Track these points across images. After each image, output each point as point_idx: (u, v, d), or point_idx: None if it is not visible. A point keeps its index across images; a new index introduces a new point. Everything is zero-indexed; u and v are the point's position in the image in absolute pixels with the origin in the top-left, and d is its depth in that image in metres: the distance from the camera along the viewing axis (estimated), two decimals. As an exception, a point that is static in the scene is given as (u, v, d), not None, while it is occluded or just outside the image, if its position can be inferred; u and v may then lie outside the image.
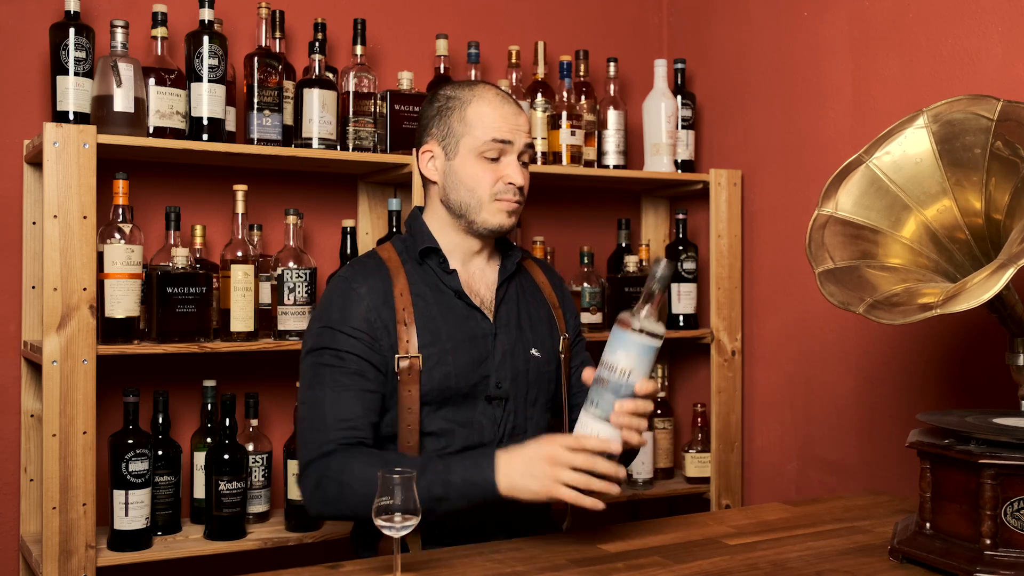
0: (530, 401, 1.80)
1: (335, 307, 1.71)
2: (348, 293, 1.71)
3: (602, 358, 1.50)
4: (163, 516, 2.21)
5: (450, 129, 1.75)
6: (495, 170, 1.73)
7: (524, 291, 1.87)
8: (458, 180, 1.75)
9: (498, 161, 1.74)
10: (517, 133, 1.75)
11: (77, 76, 2.14)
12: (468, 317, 1.76)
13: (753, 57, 2.79)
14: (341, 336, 1.68)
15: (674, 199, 3.04)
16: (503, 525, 1.74)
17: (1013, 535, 1.40)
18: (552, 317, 1.88)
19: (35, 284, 2.25)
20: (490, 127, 1.73)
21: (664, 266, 1.48)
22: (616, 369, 1.47)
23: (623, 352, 1.47)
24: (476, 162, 1.73)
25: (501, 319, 1.79)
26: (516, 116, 1.76)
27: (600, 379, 1.49)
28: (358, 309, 1.70)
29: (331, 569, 1.53)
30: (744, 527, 1.77)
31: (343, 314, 1.70)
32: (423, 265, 1.77)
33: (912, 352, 2.30)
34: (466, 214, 1.75)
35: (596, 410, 1.48)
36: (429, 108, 1.79)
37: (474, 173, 1.73)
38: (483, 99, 1.75)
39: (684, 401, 3.03)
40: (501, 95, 1.78)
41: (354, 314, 1.69)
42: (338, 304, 1.71)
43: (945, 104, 1.71)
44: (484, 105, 1.74)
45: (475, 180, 1.74)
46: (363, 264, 1.78)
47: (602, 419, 1.48)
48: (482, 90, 1.77)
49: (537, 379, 1.81)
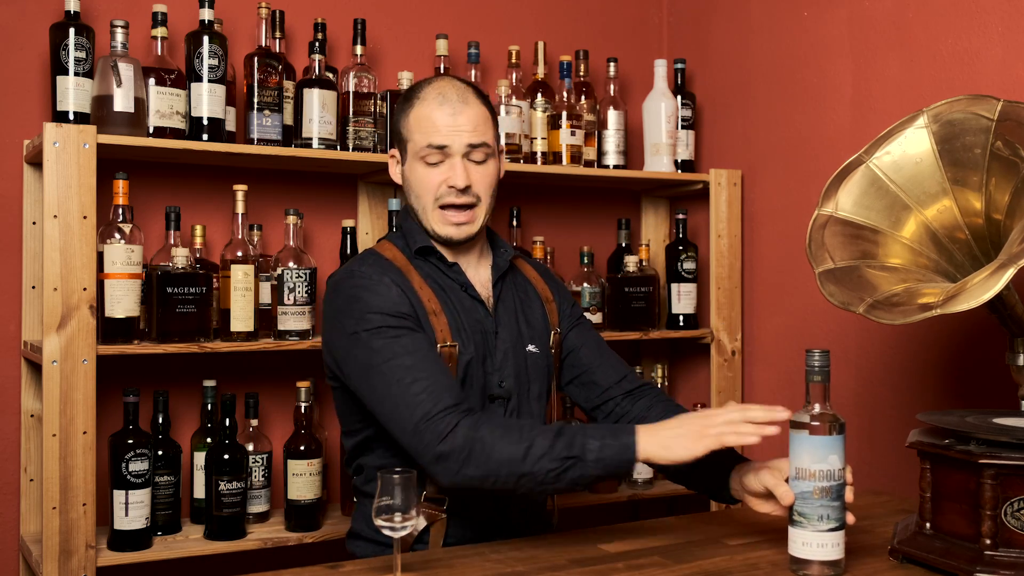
0: (532, 396, 1.80)
1: (367, 296, 1.64)
2: (373, 285, 1.65)
3: (796, 471, 1.44)
4: (163, 516, 2.21)
5: (400, 134, 1.76)
6: (438, 175, 1.70)
7: (517, 287, 1.87)
8: (409, 186, 1.75)
9: (440, 165, 1.70)
10: (455, 135, 1.69)
11: (77, 76, 2.14)
12: (474, 311, 1.75)
13: (753, 57, 2.79)
14: (391, 317, 1.61)
15: (674, 199, 3.04)
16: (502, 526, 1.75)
17: (1013, 535, 1.40)
18: (545, 313, 1.87)
19: (35, 284, 2.25)
20: (427, 132, 1.69)
21: (817, 357, 1.44)
22: (826, 473, 1.43)
23: (825, 454, 1.42)
24: (420, 167, 1.71)
25: (500, 316, 1.79)
26: (453, 116, 1.69)
27: (806, 495, 1.43)
28: (391, 295, 1.64)
29: (331, 569, 1.53)
30: (744, 527, 1.77)
31: (381, 299, 1.63)
32: (426, 260, 1.76)
33: (912, 352, 2.29)
34: (422, 221, 1.74)
35: (825, 523, 1.43)
36: (395, 111, 1.79)
37: (418, 178, 1.72)
38: (423, 102, 1.71)
39: (684, 401, 3.03)
40: (442, 95, 1.71)
41: (391, 300, 1.64)
42: (369, 293, 1.64)
43: (945, 104, 1.71)
44: (423, 108, 1.71)
45: (420, 186, 1.72)
46: (375, 261, 1.73)
47: (836, 530, 1.44)
48: (427, 91, 1.72)
49: (536, 375, 1.81)
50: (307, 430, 2.33)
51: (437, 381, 1.56)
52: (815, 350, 1.44)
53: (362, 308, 1.64)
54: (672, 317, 2.80)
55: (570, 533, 1.75)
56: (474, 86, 1.78)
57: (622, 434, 1.50)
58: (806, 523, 1.43)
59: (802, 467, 1.43)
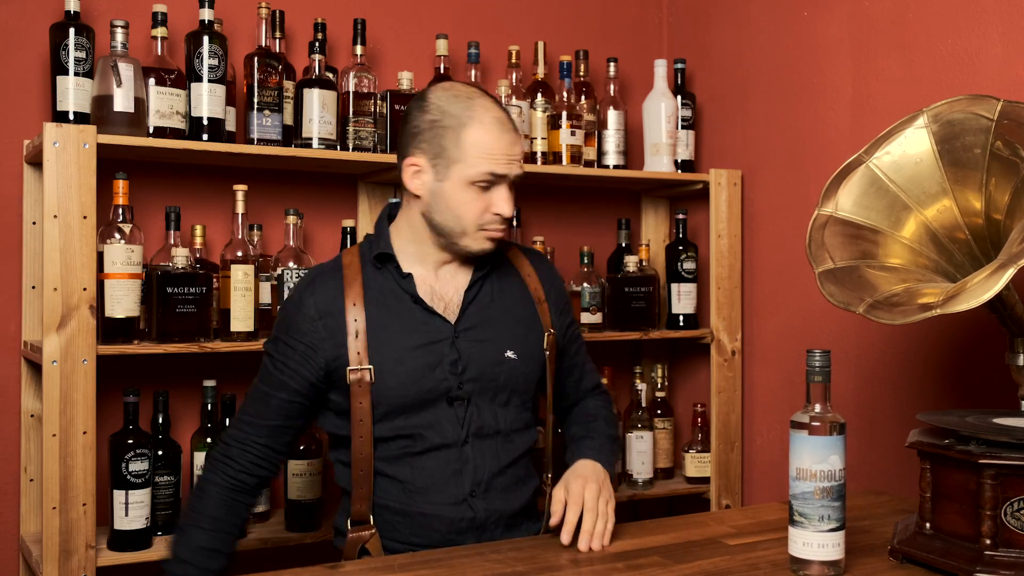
0: (500, 403, 1.76)
1: (285, 313, 1.76)
2: (299, 303, 1.74)
3: (797, 471, 1.44)
4: (163, 516, 2.21)
5: (443, 150, 1.68)
6: (485, 200, 1.69)
7: (503, 290, 1.82)
8: (446, 204, 1.69)
9: (488, 190, 1.69)
10: (512, 164, 1.70)
11: (77, 76, 2.14)
12: (425, 322, 1.73)
13: (753, 57, 2.79)
14: (281, 345, 1.73)
15: (674, 199, 3.04)
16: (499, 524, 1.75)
17: (1013, 535, 1.40)
18: (535, 314, 1.83)
19: (35, 284, 2.25)
20: (487, 159, 1.66)
21: (818, 357, 1.44)
22: (827, 473, 1.42)
23: (825, 454, 1.42)
24: (466, 190, 1.68)
25: (467, 321, 1.75)
26: (512, 146, 1.69)
27: (807, 495, 1.43)
28: (301, 320, 1.72)
29: (331, 569, 1.53)
30: (744, 527, 1.77)
31: (288, 323, 1.73)
32: (382, 269, 1.75)
33: (912, 352, 2.30)
34: (447, 236, 1.72)
35: (825, 523, 1.42)
36: (418, 117, 1.71)
37: (463, 201, 1.68)
38: (481, 124, 1.67)
39: (684, 401, 3.03)
40: (499, 119, 1.69)
41: (296, 325, 1.72)
42: (289, 311, 1.75)
43: (945, 104, 1.71)
44: (482, 133, 1.67)
45: (463, 208, 1.69)
46: (320, 273, 1.78)
47: (836, 530, 1.43)
48: (480, 111, 1.68)
49: (509, 381, 1.76)
50: (307, 430, 2.33)
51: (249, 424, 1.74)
52: (815, 350, 1.44)
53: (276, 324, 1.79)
54: (672, 317, 2.80)
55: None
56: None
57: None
58: (807, 523, 1.43)
59: (802, 467, 1.43)
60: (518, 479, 1.78)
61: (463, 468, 1.71)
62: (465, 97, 1.70)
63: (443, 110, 1.69)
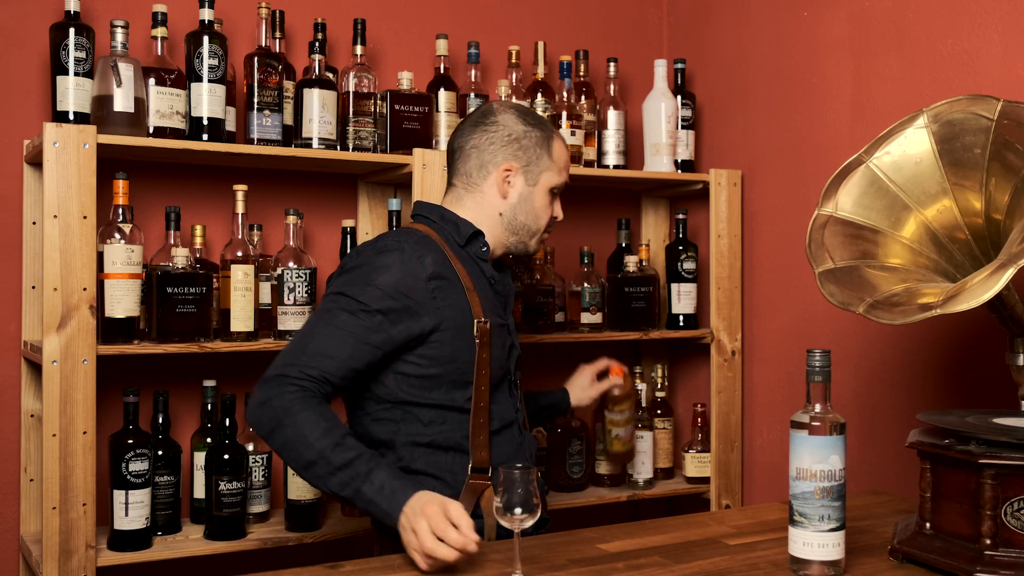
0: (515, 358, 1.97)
1: (393, 271, 1.75)
2: (413, 261, 1.76)
3: (797, 471, 1.44)
4: (163, 516, 2.21)
5: (538, 159, 1.91)
6: (553, 207, 1.96)
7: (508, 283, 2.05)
8: (531, 207, 1.92)
9: (556, 198, 1.96)
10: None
11: (77, 76, 2.14)
12: (498, 306, 1.92)
13: (753, 57, 2.79)
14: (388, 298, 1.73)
15: (674, 199, 3.04)
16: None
17: (1013, 535, 1.40)
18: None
19: (35, 284, 2.25)
20: (564, 170, 1.96)
21: (818, 357, 1.45)
22: (827, 473, 1.42)
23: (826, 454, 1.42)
24: (546, 196, 1.94)
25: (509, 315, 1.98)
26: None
27: (807, 495, 1.43)
28: (421, 276, 1.76)
29: (331, 569, 1.53)
30: (744, 527, 1.78)
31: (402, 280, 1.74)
32: (462, 250, 1.89)
33: (912, 352, 2.30)
34: (521, 234, 1.93)
35: (825, 523, 1.43)
36: (508, 128, 1.91)
37: (544, 205, 1.94)
38: (560, 140, 1.97)
39: (684, 401, 3.03)
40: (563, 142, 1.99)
41: (412, 281, 1.75)
42: (398, 269, 1.75)
43: (945, 104, 1.71)
44: (563, 147, 1.97)
45: (543, 211, 1.94)
46: (422, 238, 1.84)
47: (836, 530, 1.44)
48: (554, 130, 1.97)
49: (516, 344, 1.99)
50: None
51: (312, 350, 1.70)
52: (816, 350, 1.44)
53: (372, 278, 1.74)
54: (672, 317, 2.80)
55: (570, 533, 1.75)
56: None
57: (400, 496, 1.57)
58: (807, 523, 1.43)
59: (802, 467, 1.43)
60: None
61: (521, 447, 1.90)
62: (535, 115, 1.98)
63: (531, 123, 1.93)
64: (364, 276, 1.75)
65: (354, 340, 1.71)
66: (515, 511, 1.41)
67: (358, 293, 1.74)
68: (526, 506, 1.41)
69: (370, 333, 1.72)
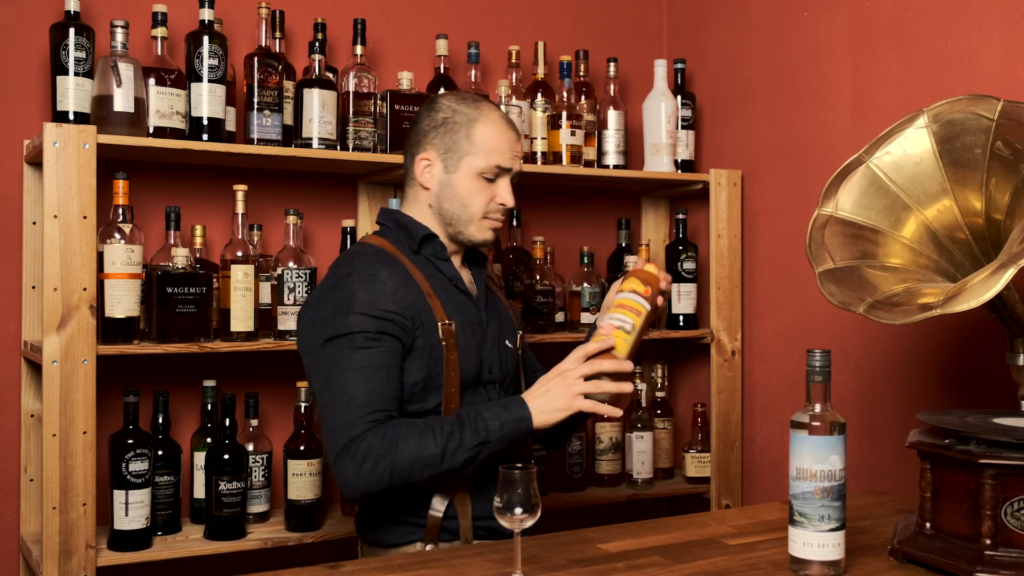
0: (507, 389, 1.90)
1: (360, 292, 1.71)
2: (371, 279, 1.72)
3: (797, 471, 1.44)
4: (163, 516, 2.21)
5: (455, 144, 1.81)
6: (490, 190, 1.82)
7: (490, 288, 1.98)
8: (454, 194, 1.82)
9: (494, 182, 1.83)
10: (516, 160, 1.85)
11: (77, 76, 2.14)
12: (465, 304, 1.84)
13: (753, 57, 2.79)
14: (373, 320, 1.69)
15: (674, 199, 3.04)
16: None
17: (1013, 535, 1.40)
18: (507, 313, 1.99)
19: (35, 284, 2.25)
20: (495, 153, 1.81)
21: (818, 357, 1.45)
22: (827, 473, 1.42)
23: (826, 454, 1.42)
24: (474, 181, 1.81)
25: (487, 310, 1.89)
26: (516, 142, 1.85)
27: (807, 495, 1.43)
28: (384, 291, 1.71)
29: (331, 569, 1.53)
30: (744, 527, 1.77)
31: (372, 298, 1.70)
32: (418, 255, 1.84)
33: (912, 352, 2.30)
34: (455, 224, 1.83)
35: (825, 523, 1.43)
36: (430, 116, 1.84)
37: (471, 190, 1.81)
38: (490, 121, 1.83)
39: (684, 401, 3.03)
40: (505, 119, 1.85)
41: (382, 297, 1.71)
42: (362, 291, 1.71)
43: (945, 104, 1.71)
44: (491, 129, 1.82)
45: (471, 197, 1.82)
46: (374, 253, 1.80)
47: (836, 530, 1.43)
48: (488, 111, 1.84)
49: (511, 368, 1.92)
50: (307, 430, 2.33)
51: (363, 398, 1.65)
52: (816, 350, 1.44)
53: (348, 307, 1.70)
54: (672, 317, 2.80)
55: (570, 533, 1.75)
56: None
57: (514, 407, 1.68)
58: (807, 523, 1.43)
59: (803, 467, 1.43)
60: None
61: None
62: (472, 99, 1.86)
63: (453, 109, 1.83)
64: (341, 312, 1.70)
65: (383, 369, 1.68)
66: (515, 511, 1.41)
67: (349, 328, 1.68)
68: (526, 506, 1.41)
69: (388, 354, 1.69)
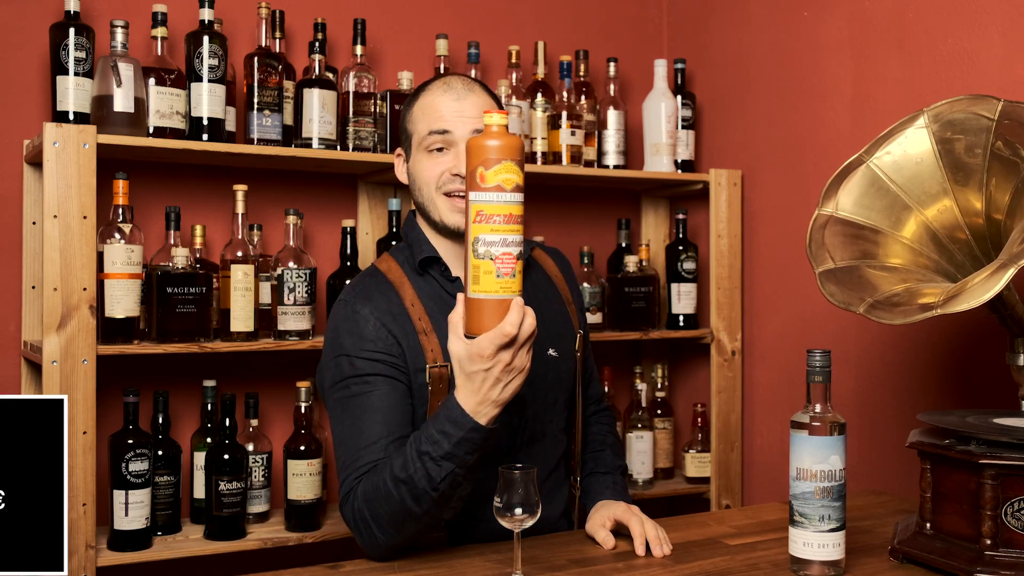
0: (549, 403, 1.74)
1: (343, 334, 1.63)
2: (352, 317, 1.64)
3: (797, 471, 1.44)
4: (163, 516, 2.21)
5: (406, 130, 1.73)
6: (443, 162, 1.66)
7: (536, 287, 1.79)
8: (414, 180, 1.72)
9: (444, 152, 1.67)
10: (459, 120, 1.65)
11: (77, 76, 2.14)
12: None
13: (753, 57, 2.79)
14: (360, 361, 1.60)
15: (674, 199, 3.04)
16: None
17: (1013, 535, 1.40)
18: (567, 312, 1.82)
19: (35, 284, 2.25)
20: (429, 119, 1.66)
21: (818, 357, 1.44)
22: (827, 473, 1.42)
23: (826, 454, 1.42)
24: (424, 157, 1.68)
25: None
26: (458, 102, 1.66)
27: (807, 495, 1.43)
28: (367, 330, 1.62)
29: (331, 569, 1.53)
30: (744, 527, 1.78)
31: (354, 339, 1.62)
32: (424, 276, 1.71)
33: (912, 352, 2.30)
34: (426, 211, 1.71)
35: (825, 523, 1.42)
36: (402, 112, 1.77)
37: (422, 168, 1.68)
38: (427, 92, 1.69)
39: (684, 401, 3.03)
40: (447, 83, 1.69)
41: (365, 336, 1.61)
42: (345, 330, 1.63)
43: (945, 104, 1.71)
44: (426, 98, 1.69)
45: (422, 175, 1.69)
46: (363, 284, 1.70)
47: (836, 530, 1.44)
48: (432, 83, 1.71)
49: (556, 380, 1.75)
50: (307, 430, 2.33)
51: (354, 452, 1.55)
52: (816, 350, 1.44)
53: (335, 349, 1.63)
54: (672, 317, 2.80)
55: (570, 533, 1.76)
56: (480, 81, 1.76)
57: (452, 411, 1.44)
58: (807, 523, 1.43)
59: (803, 467, 1.43)
60: (558, 483, 1.79)
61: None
62: (429, 79, 1.74)
63: (411, 97, 1.74)
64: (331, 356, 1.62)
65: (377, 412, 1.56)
66: (515, 511, 1.41)
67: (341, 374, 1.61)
68: (526, 506, 1.41)
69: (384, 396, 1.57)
